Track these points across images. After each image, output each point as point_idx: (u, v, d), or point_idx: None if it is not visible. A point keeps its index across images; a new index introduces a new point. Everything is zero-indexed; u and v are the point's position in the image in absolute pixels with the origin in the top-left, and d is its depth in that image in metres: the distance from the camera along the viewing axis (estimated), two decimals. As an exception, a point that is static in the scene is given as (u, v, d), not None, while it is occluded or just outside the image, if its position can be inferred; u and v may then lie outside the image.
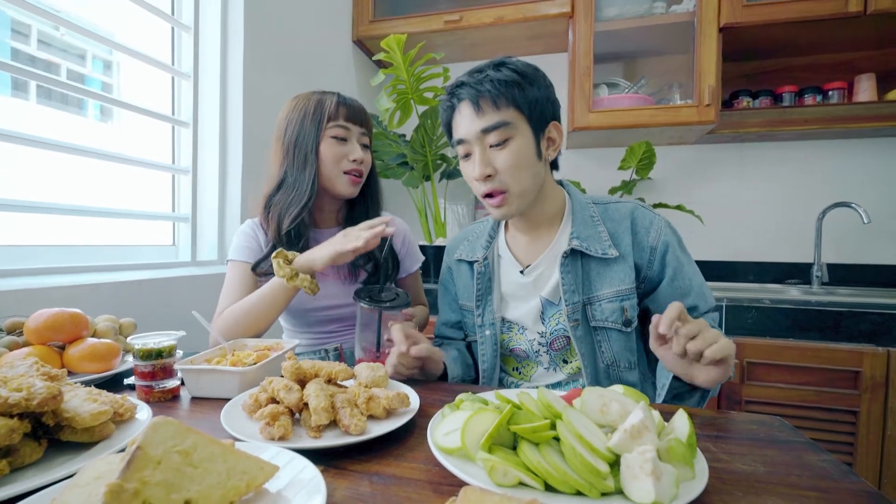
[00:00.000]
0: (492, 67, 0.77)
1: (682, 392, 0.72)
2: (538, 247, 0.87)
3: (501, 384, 0.93)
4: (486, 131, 0.75)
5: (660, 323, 0.59)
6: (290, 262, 0.89)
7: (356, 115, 0.98)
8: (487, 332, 0.90)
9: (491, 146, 0.77)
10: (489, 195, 0.79)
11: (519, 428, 0.45)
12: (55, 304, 0.78)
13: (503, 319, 0.90)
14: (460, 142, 0.80)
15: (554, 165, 0.88)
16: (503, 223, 0.95)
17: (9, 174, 1.07)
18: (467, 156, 0.80)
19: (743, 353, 1.37)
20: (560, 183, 0.91)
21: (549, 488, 0.42)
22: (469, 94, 0.76)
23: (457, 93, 0.78)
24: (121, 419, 0.54)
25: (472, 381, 0.96)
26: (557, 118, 0.82)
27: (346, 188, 0.98)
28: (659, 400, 0.74)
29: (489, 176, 0.77)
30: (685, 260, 0.83)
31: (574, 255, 0.82)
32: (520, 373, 0.92)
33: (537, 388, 0.86)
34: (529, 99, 0.76)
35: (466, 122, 0.77)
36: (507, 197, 0.78)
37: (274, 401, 0.59)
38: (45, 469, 0.45)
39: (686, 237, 0.86)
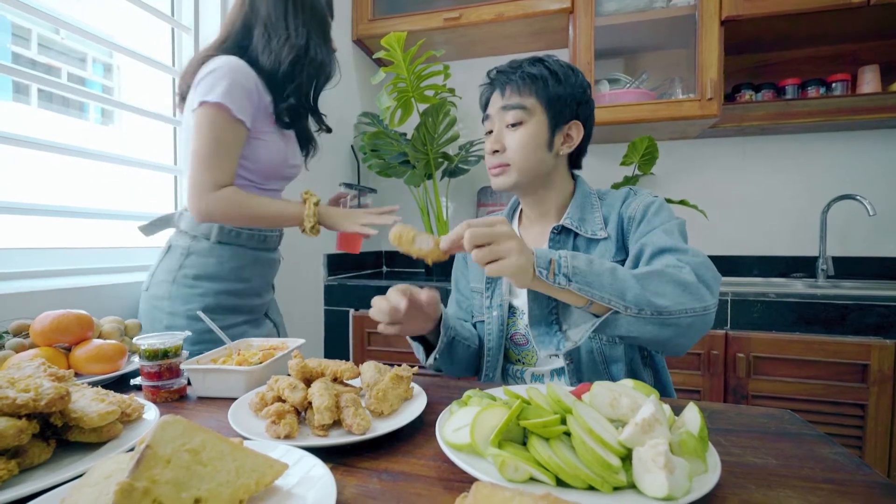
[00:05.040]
0: (528, 62, 0.86)
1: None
2: (546, 235, 0.90)
3: (505, 373, 0.94)
4: (504, 108, 0.85)
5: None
6: (316, 205, 0.98)
7: None
8: (495, 314, 0.92)
9: (507, 126, 0.85)
10: (494, 168, 0.87)
11: (529, 423, 0.45)
12: (60, 307, 0.78)
13: (510, 305, 0.92)
14: (486, 117, 0.90)
15: (576, 164, 0.93)
16: (518, 214, 0.99)
17: (12, 177, 1.07)
18: (489, 133, 0.88)
19: (749, 347, 1.36)
20: (575, 178, 0.94)
21: (560, 483, 0.42)
22: (501, 80, 0.86)
23: (493, 78, 0.88)
24: (128, 419, 0.54)
25: (475, 365, 0.96)
26: (581, 118, 0.87)
27: None
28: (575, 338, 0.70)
29: (496, 151, 0.86)
30: (659, 218, 0.80)
31: (566, 234, 0.87)
32: (522, 362, 0.92)
33: (543, 374, 0.87)
34: (551, 94, 0.83)
35: (494, 101, 0.88)
36: (508, 168, 0.85)
37: (280, 399, 0.58)
38: (54, 469, 0.45)
39: (690, 232, 0.85)
